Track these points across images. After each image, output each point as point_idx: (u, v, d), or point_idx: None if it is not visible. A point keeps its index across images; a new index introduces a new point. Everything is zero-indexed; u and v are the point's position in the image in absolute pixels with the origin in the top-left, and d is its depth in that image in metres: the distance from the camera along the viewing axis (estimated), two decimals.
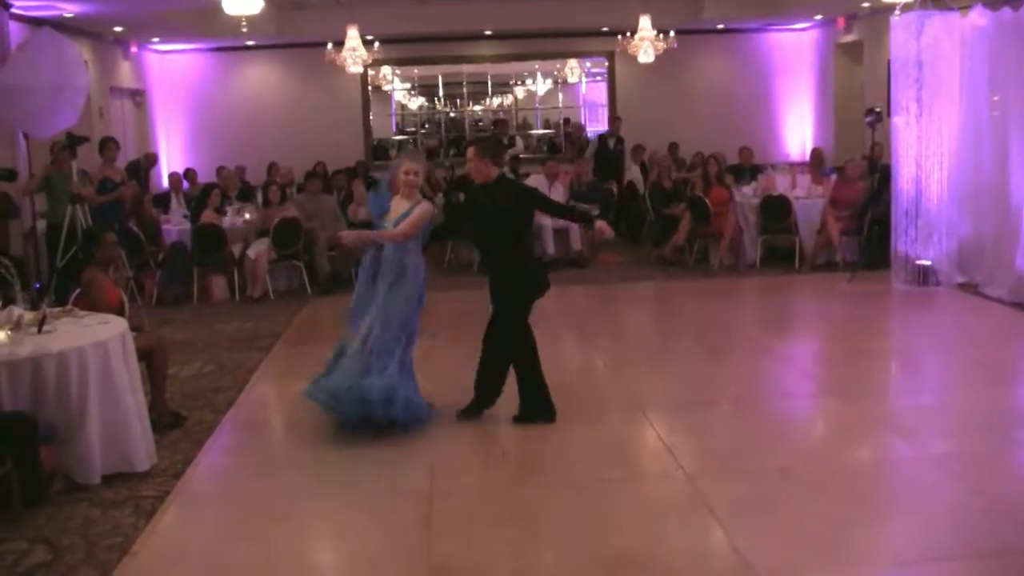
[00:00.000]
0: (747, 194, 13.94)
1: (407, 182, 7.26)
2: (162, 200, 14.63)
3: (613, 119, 17.81)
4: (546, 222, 13.78)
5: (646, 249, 14.88)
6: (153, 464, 6.40)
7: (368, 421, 6.96)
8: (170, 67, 19.65)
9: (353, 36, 15.77)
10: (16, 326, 6.22)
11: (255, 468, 6.69)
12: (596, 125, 21.13)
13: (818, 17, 18.65)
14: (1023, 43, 10.46)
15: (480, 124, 21.58)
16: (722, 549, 5.14)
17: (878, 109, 12.60)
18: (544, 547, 5.31)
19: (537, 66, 21.49)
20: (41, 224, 12.01)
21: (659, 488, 6.06)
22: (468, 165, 7.38)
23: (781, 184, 13.95)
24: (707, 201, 13.15)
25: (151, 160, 16.24)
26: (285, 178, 15.66)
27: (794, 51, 20.27)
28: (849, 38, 18.30)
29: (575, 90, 21.93)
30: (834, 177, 13.90)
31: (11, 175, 11.10)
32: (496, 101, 22.10)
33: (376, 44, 16.63)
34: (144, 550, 5.30)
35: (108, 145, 12.40)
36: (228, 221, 12.99)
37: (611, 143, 17.64)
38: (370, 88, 20.43)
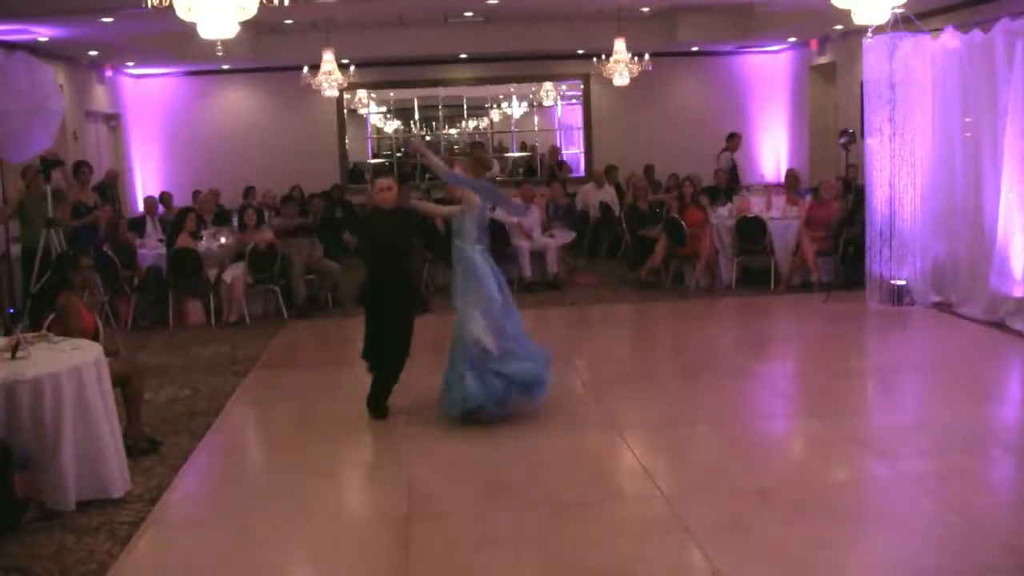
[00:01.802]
0: (723, 215, 14.00)
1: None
2: (137, 224, 14.56)
3: (731, 136, 17.45)
4: (523, 244, 13.79)
5: (622, 271, 14.91)
6: (128, 490, 6.35)
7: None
8: (145, 91, 19.62)
9: (329, 60, 15.80)
10: None
11: (231, 493, 6.65)
12: (572, 148, 21.23)
13: (791, 39, 18.80)
14: (994, 65, 10.56)
15: (456, 147, 21.61)
16: (701, 571, 5.13)
17: (851, 130, 12.69)
18: (522, 570, 5.28)
19: (512, 89, 21.58)
20: (15, 248, 11.93)
21: (637, 509, 6.05)
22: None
23: (756, 205, 14.01)
24: (683, 223, 13.19)
25: (113, 176, 15.95)
26: (267, 201, 15.62)
27: (768, 73, 20.43)
28: (822, 60, 18.45)
29: (550, 113, 22.01)
30: (809, 198, 13.97)
31: None
32: (472, 124, 22.16)
33: (352, 68, 16.67)
34: None
35: (81, 169, 12.35)
36: (204, 245, 12.93)
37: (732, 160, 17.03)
38: (346, 112, 20.46)
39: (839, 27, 15.70)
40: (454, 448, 7.27)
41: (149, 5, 7.92)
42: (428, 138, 21.54)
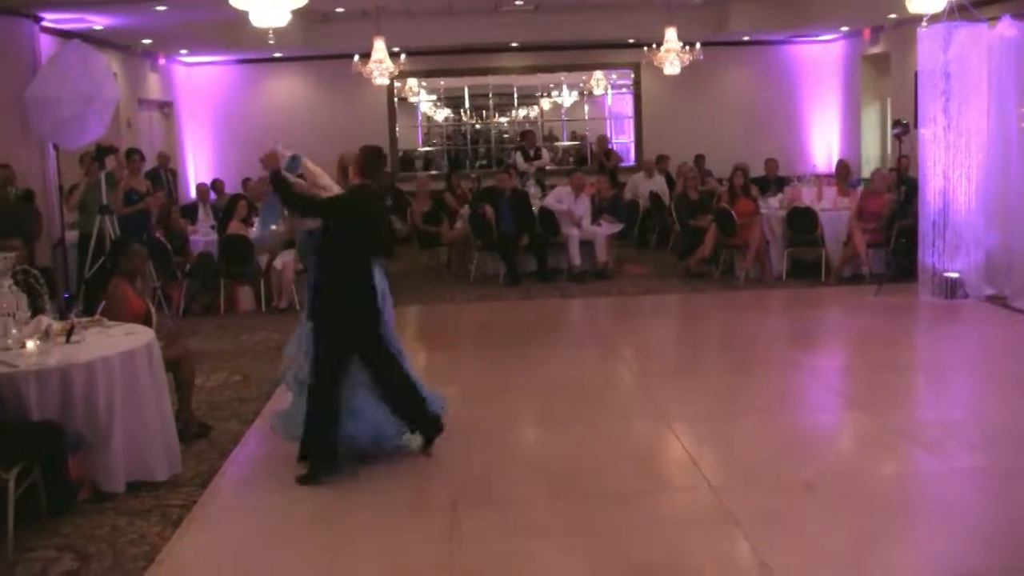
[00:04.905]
0: (773, 206, 13.90)
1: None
2: (189, 211, 14.72)
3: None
4: (573, 232, 13.77)
5: (671, 261, 14.85)
6: (178, 473, 6.43)
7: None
8: (197, 79, 19.80)
9: (380, 48, 15.84)
10: (45, 336, 6.26)
11: (280, 478, 6.68)
12: (622, 137, 21.17)
13: (844, 29, 18.60)
14: None
15: (506, 136, 21.61)
16: (748, 563, 5.11)
17: (905, 121, 12.55)
18: (569, 560, 5.29)
19: (563, 78, 21.50)
20: (72, 234, 12.11)
21: (685, 500, 6.04)
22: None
23: (807, 196, 13.90)
24: (733, 213, 13.10)
25: (164, 160, 16.07)
26: None
27: (820, 63, 20.23)
28: (875, 50, 18.24)
29: (601, 102, 21.93)
30: (860, 189, 13.84)
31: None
32: (522, 113, 22.14)
33: (402, 56, 16.70)
34: (171, 558, 5.33)
35: (133, 157, 12.49)
36: (255, 232, 13.02)
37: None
38: (396, 100, 20.53)
39: (893, 16, 15.52)
40: (503, 436, 7.29)
41: None
42: (478, 126, 21.58)
